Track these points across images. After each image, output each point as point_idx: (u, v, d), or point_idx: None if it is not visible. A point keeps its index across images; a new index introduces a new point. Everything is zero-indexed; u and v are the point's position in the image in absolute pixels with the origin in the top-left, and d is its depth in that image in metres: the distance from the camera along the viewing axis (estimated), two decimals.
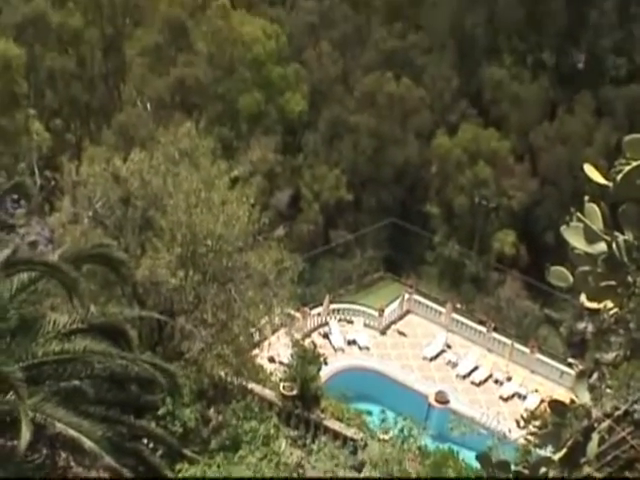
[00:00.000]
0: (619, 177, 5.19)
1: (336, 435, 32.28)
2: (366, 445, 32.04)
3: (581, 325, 5.87)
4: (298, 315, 46.55)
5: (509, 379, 52.69)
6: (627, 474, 5.37)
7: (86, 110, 69.97)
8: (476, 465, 5.93)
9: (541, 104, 75.11)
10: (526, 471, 5.46)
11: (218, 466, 24.75)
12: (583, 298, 5.57)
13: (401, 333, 55.75)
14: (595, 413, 5.46)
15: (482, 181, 69.99)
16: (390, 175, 72.15)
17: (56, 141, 62.64)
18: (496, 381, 52.52)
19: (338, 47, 76.32)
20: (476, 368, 53.17)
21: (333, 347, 52.02)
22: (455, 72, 77.54)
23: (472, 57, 78.42)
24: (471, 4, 78.92)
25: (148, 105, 61.69)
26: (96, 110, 69.73)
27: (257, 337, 32.44)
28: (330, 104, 72.94)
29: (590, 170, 5.46)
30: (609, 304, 5.49)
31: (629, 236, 5.34)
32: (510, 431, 31.02)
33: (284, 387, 33.30)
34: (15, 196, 33.12)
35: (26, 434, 15.97)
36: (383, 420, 34.00)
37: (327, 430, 32.51)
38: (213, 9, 65.93)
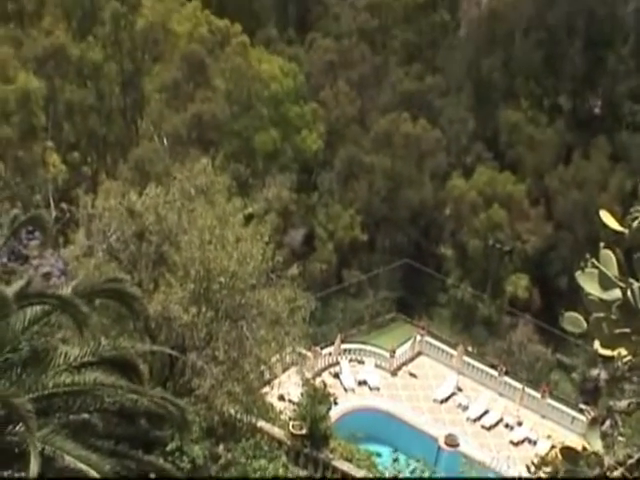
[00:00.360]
0: (635, 224, 5.19)
1: (345, 476, 32.09)
2: None
3: (594, 372, 5.86)
4: (309, 354, 46.37)
5: (520, 424, 52.22)
6: None
7: (103, 144, 70.34)
8: None
9: (557, 148, 75.18)
10: None
11: None
12: (597, 345, 5.55)
13: (412, 375, 55.43)
14: (607, 461, 5.42)
15: (496, 224, 69.90)
16: (405, 216, 72.13)
17: (72, 174, 62.93)
18: (506, 425, 52.06)
19: (355, 87, 76.61)
20: (487, 412, 52.75)
21: (343, 387, 51.73)
22: (471, 114, 77.81)
23: (489, 100, 78.67)
24: (488, 47, 79.30)
25: (165, 140, 61.95)
26: (113, 144, 70.08)
27: (268, 375, 32.35)
28: (346, 143, 73.09)
29: (606, 216, 5.46)
30: (623, 351, 5.47)
31: None
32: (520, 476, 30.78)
33: (293, 426, 33.19)
34: (30, 227, 33.17)
35: (34, 466, 15.92)
36: (395, 460, 33.80)
37: (336, 470, 32.33)
38: (232, 46, 66.32)
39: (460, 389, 54.47)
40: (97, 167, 69.81)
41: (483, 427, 51.70)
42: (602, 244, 5.48)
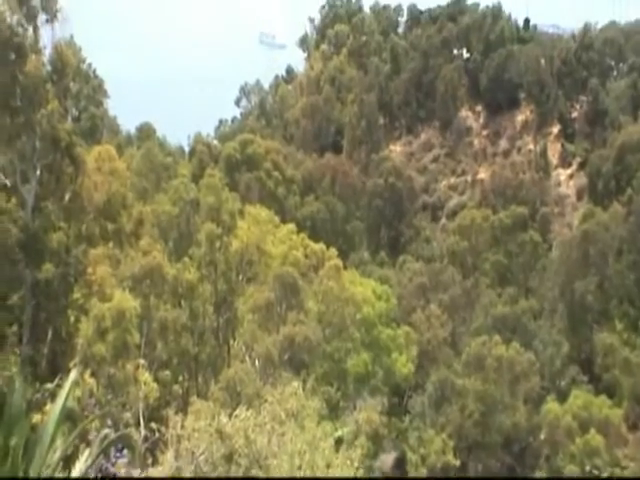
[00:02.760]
0: None
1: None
2: None
3: None
4: None
5: None
6: None
7: (195, 363, 70.73)
8: None
9: None
10: None
11: None
12: None
13: None
14: None
15: (593, 450, 67.58)
16: (498, 440, 70.37)
17: (163, 392, 63.04)
18: None
19: (447, 309, 76.69)
20: None
21: None
22: (565, 337, 76.93)
23: (583, 322, 77.98)
24: (581, 269, 79.22)
25: (256, 362, 62.07)
26: (205, 364, 70.42)
27: None
28: (438, 366, 72.51)
29: None
30: None
31: None
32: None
33: None
34: (119, 445, 32.91)
35: None
36: None
37: None
38: (325, 269, 67.23)
39: None
40: (188, 386, 69.94)
41: None
42: None
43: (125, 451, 34.94)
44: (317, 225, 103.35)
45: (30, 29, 44.34)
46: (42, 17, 44.29)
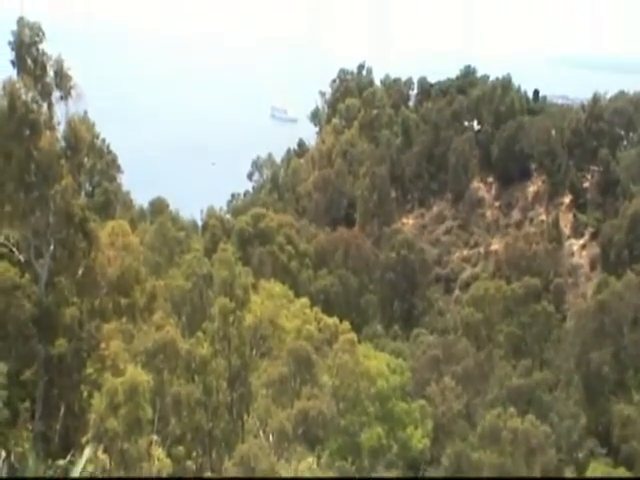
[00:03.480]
0: None
1: None
2: None
3: None
4: None
5: None
6: None
7: (209, 438, 70.20)
8: None
9: None
10: None
11: None
12: None
13: None
14: None
15: None
16: None
17: (177, 468, 62.49)
18: None
19: (461, 381, 76.21)
20: None
21: None
22: (582, 408, 76.26)
23: (599, 393, 77.35)
24: (597, 339, 78.84)
25: (271, 437, 61.62)
26: (219, 439, 69.86)
27: None
28: (453, 439, 71.84)
29: None
30: None
31: None
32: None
33: None
34: None
35: None
36: None
37: None
38: (339, 342, 67.05)
39: None
40: (202, 462, 69.33)
41: None
42: None
43: None
44: (330, 299, 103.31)
45: (45, 105, 45.00)
46: (56, 94, 44.98)
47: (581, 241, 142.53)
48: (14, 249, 46.47)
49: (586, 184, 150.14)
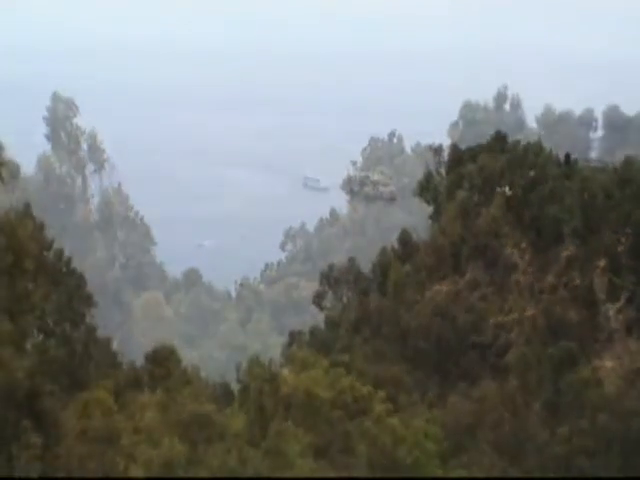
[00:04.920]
0: None
1: None
2: None
3: None
4: None
5: None
6: None
7: None
8: None
9: None
10: None
11: None
12: None
13: None
14: None
15: None
16: None
17: None
18: None
19: (497, 449, 75.26)
20: None
21: None
22: (623, 475, 75.09)
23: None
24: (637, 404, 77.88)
25: None
26: None
27: None
28: None
29: None
30: None
31: None
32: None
33: None
34: None
35: None
36: None
37: None
38: (375, 412, 66.72)
39: None
40: None
41: None
42: None
43: None
44: (365, 368, 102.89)
45: (79, 179, 45.74)
46: (90, 167, 45.71)
47: (617, 305, 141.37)
48: (49, 321, 47.10)
49: (620, 247, 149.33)
